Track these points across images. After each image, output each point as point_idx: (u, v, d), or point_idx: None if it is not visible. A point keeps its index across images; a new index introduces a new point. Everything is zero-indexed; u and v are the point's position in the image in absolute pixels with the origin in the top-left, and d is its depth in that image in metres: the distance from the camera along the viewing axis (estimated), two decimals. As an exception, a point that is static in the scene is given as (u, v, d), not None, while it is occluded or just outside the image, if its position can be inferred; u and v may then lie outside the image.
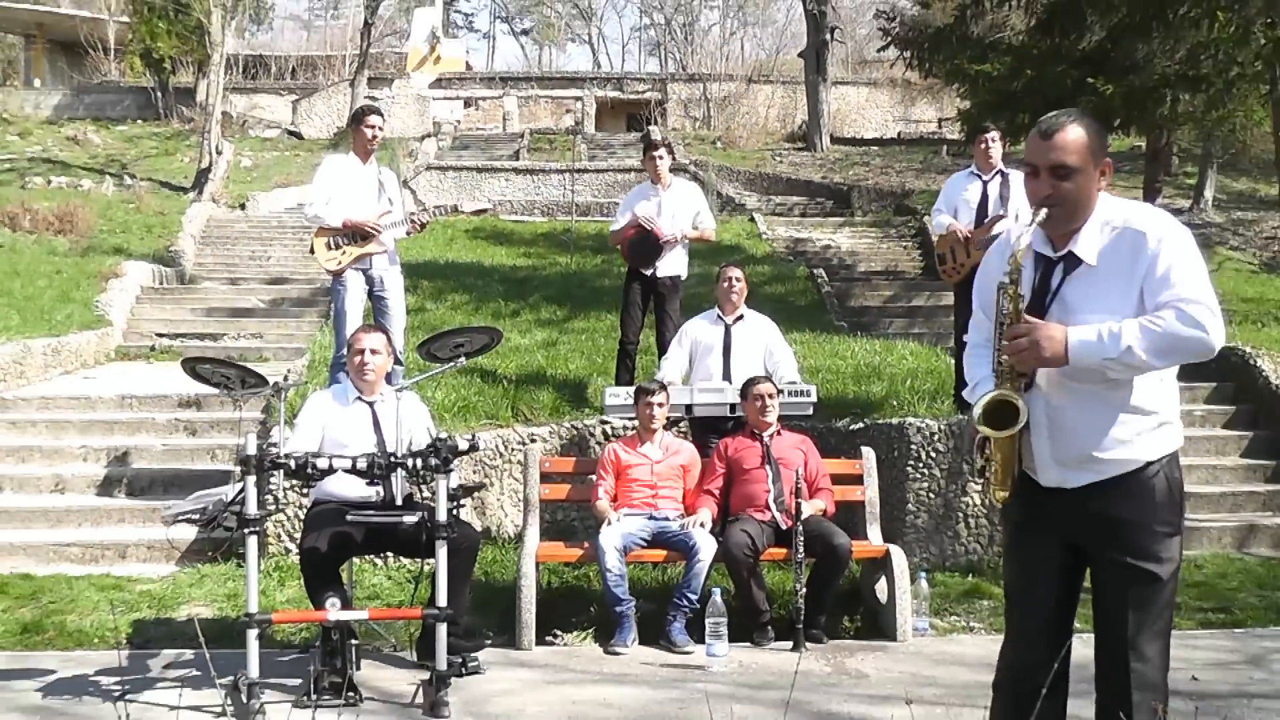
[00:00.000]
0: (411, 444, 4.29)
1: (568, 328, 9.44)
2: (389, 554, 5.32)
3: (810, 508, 4.89)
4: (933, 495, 6.04)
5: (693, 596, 4.76)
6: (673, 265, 6.56)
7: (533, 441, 6.05)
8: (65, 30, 27.91)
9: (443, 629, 3.89)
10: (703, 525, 4.93)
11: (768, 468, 5.04)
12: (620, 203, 6.99)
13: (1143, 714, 2.37)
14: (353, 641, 4.00)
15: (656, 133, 22.08)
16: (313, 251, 6.13)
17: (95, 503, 6.54)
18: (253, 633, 3.79)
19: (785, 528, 4.87)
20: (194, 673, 4.21)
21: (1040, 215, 2.40)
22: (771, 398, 5.17)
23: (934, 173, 18.67)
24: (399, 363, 5.89)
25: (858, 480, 5.38)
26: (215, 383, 4.56)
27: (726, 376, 5.74)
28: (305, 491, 5.10)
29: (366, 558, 5.36)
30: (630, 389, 5.68)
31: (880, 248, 15.13)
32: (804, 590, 4.71)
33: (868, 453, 5.48)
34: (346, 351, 4.76)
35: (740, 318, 5.92)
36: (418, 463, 3.95)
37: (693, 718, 3.85)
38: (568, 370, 7.23)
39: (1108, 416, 2.43)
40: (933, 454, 6.04)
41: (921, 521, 6.03)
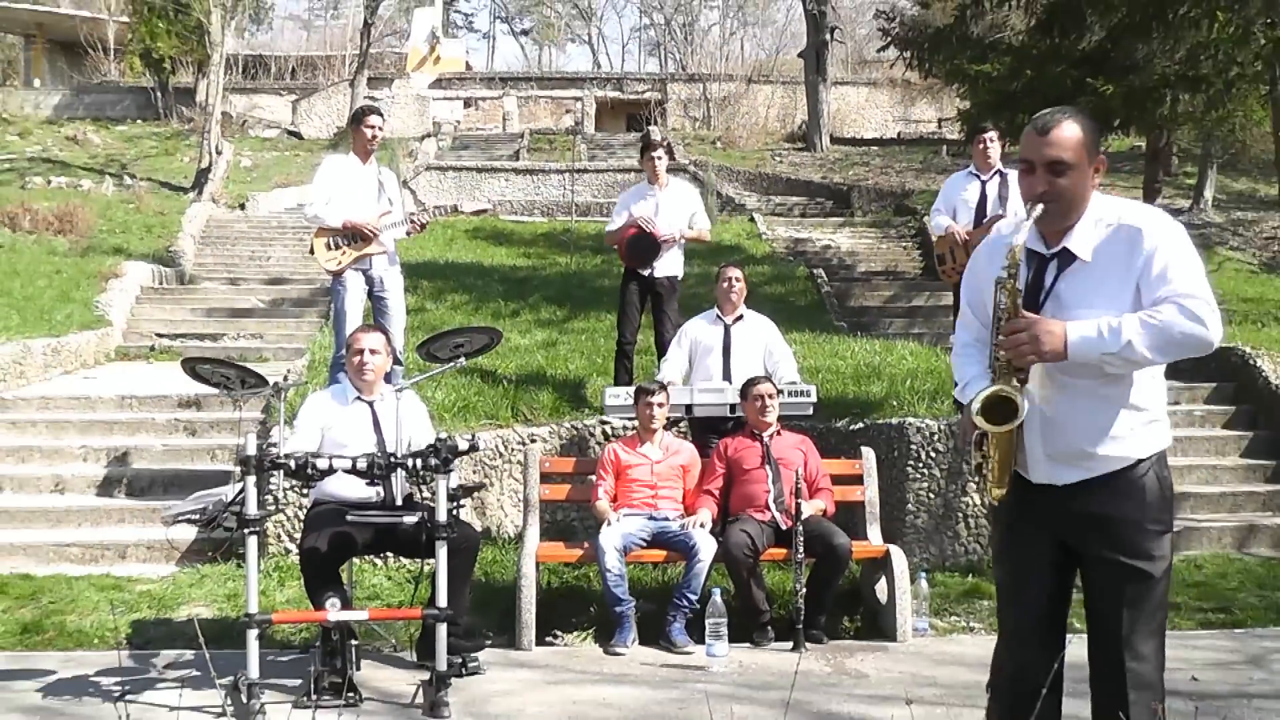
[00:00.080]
0: (411, 444, 4.29)
1: (567, 328, 9.44)
2: (389, 554, 5.32)
3: (810, 508, 4.89)
4: (932, 495, 6.04)
5: (693, 597, 4.76)
6: (670, 265, 6.56)
7: (533, 442, 6.06)
8: (65, 30, 27.91)
9: (443, 629, 3.89)
10: (703, 525, 4.93)
11: (768, 468, 5.04)
12: (616, 203, 7.00)
13: (1140, 713, 2.37)
14: (353, 642, 4.01)
15: (656, 133, 22.06)
16: (312, 252, 6.14)
17: (95, 503, 6.54)
18: (253, 633, 3.79)
19: (785, 528, 4.87)
20: (194, 673, 4.21)
21: (1036, 211, 2.40)
22: (771, 398, 5.17)
23: (934, 173, 18.66)
24: (399, 363, 5.89)
25: (857, 480, 5.38)
26: (215, 383, 4.56)
27: (726, 377, 5.74)
28: (305, 492, 5.11)
29: (366, 558, 5.36)
30: (630, 389, 5.68)
31: (880, 248, 15.13)
32: (804, 590, 4.71)
33: (867, 453, 5.49)
34: (345, 351, 4.76)
35: (740, 318, 5.92)
36: (418, 463, 3.95)
37: (693, 718, 3.85)
38: (567, 370, 7.23)
39: (1101, 412, 2.43)
40: (932, 454, 6.05)
41: (921, 522, 6.03)
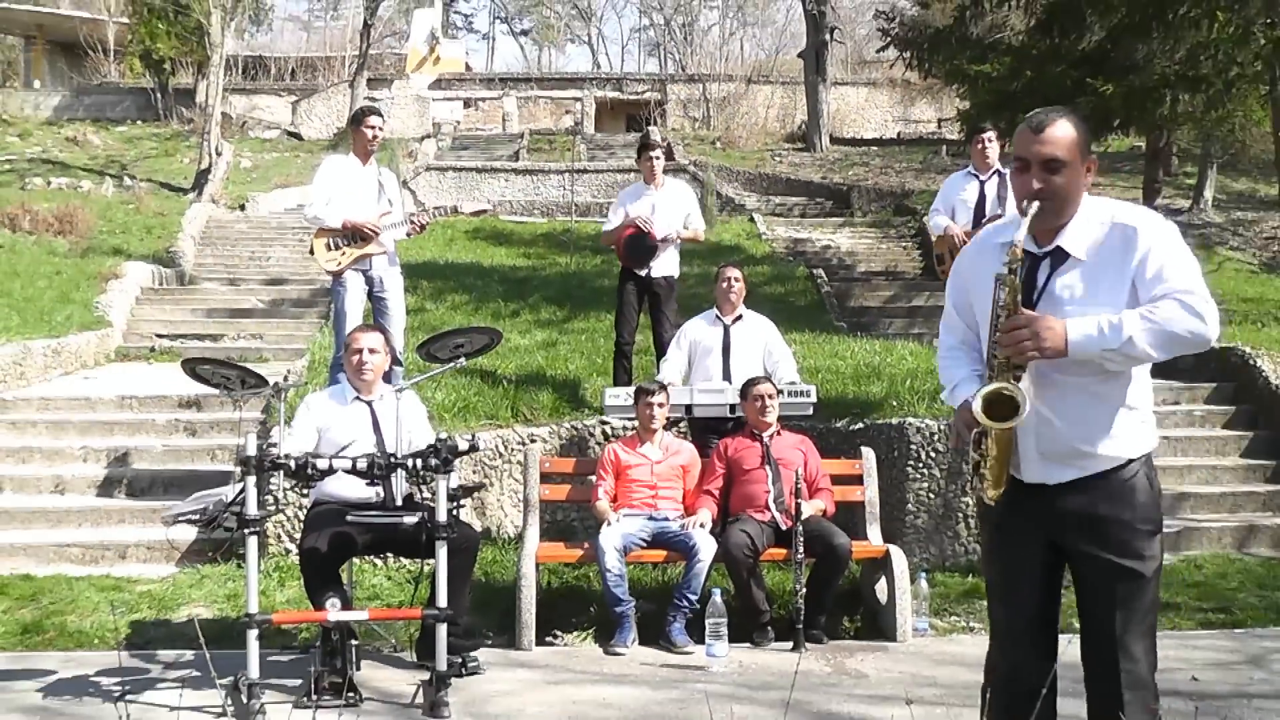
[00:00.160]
0: (411, 444, 4.29)
1: (567, 328, 9.45)
2: (389, 554, 5.32)
3: (810, 508, 4.89)
4: (932, 495, 6.04)
5: (693, 597, 4.76)
6: (667, 265, 6.59)
7: (532, 442, 6.06)
8: (65, 31, 27.91)
9: (443, 629, 3.89)
10: (702, 525, 4.93)
11: (767, 468, 5.04)
12: (612, 202, 7.01)
13: (1136, 713, 2.37)
14: (353, 642, 4.01)
15: (656, 133, 22.07)
16: (312, 252, 6.14)
17: (95, 503, 6.53)
18: (253, 633, 3.79)
19: (785, 528, 4.87)
20: (194, 673, 4.21)
21: (1033, 209, 2.40)
22: (771, 398, 5.17)
23: (933, 173, 18.66)
24: (398, 363, 5.89)
25: (857, 480, 5.38)
26: (215, 383, 4.56)
27: (726, 377, 5.74)
28: (305, 492, 5.11)
29: (366, 558, 5.36)
30: (629, 389, 5.68)
31: (880, 248, 15.14)
32: (804, 590, 4.71)
33: (867, 453, 5.49)
34: (344, 351, 4.76)
35: (739, 318, 5.92)
36: (418, 463, 3.95)
37: (693, 718, 3.85)
38: (567, 370, 7.24)
39: (1095, 411, 2.43)
40: (932, 454, 6.04)
41: (921, 522, 6.03)
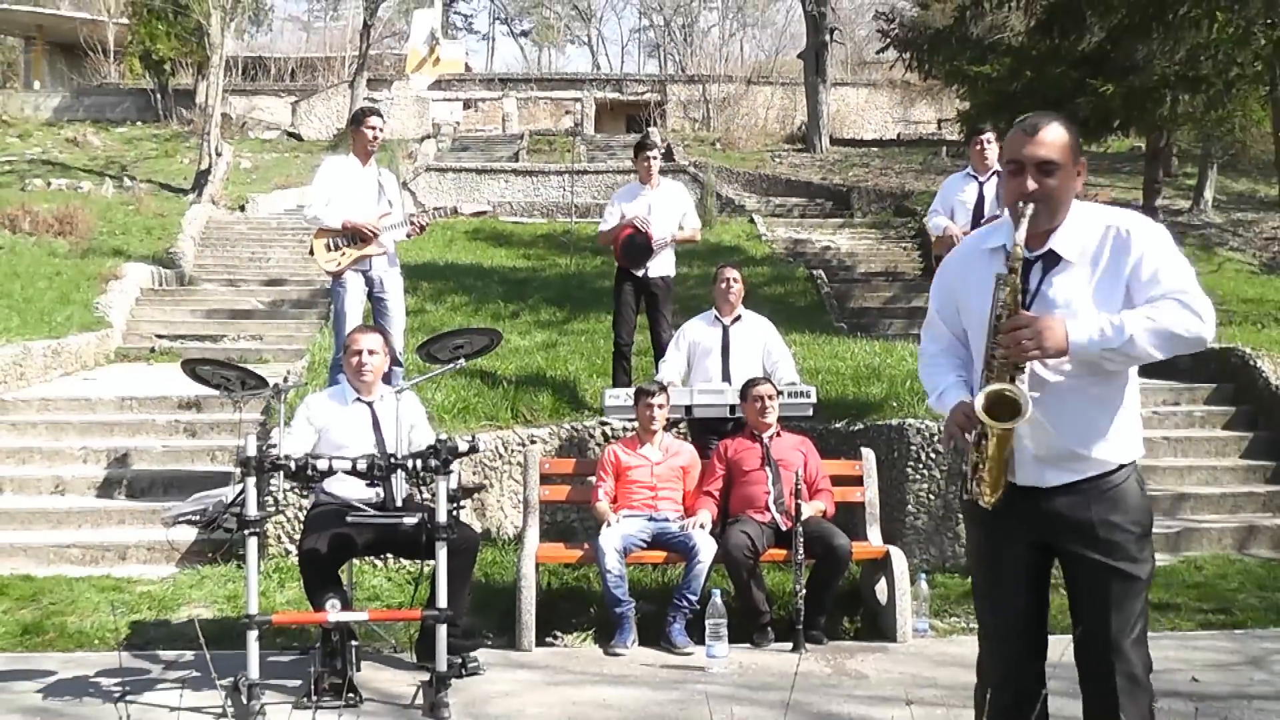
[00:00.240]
0: (411, 445, 4.29)
1: (567, 329, 9.45)
2: (389, 555, 5.32)
3: (810, 509, 4.89)
4: (932, 496, 6.04)
5: (693, 598, 4.76)
6: (663, 266, 6.61)
7: (532, 443, 6.06)
8: (65, 32, 27.92)
9: (442, 630, 3.89)
10: (702, 526, 4.92)
11: (767, 469, 5.04)
12: (608, 202, 7.02)
13: (1133, 714, 2.38)
14: (353, 642, 4.00)
15: (656, 134, 22.08)
16: (312, 253, 6.14)
17: (95, 504, 6.53)
18: (253, 634, 3.79)
19: (785, 529, 4.86)
20: (194, 674, 4.21)
21: (1029, 210, 2.39)
22: (771, 399, 5.17)
23: (933, 174, 18.65)
24: (398, 364, 5.89)
25: (857, 481, 5.38)
26: (215, 384, 4.56)
27: (725, 378, 5.74)
28: (305, 493, 5.11)
29: (366, 559, 5.36)
30: (629, 390, 5.68)
31: (880, 249, 15.14)
32: (804, 591, 4.71)
33: (867, 454, 5.49)
34: (344, 352, 4.76)
35: (738, 319, 5.92)
36: (418, 464, 3.95)
37: (693, 719, 3.85)
38: (567, 371, 7.24)
39: (1091, 414, 2.43)
40: (932, 455, 6.04)
41: (921, 523, 6.03)
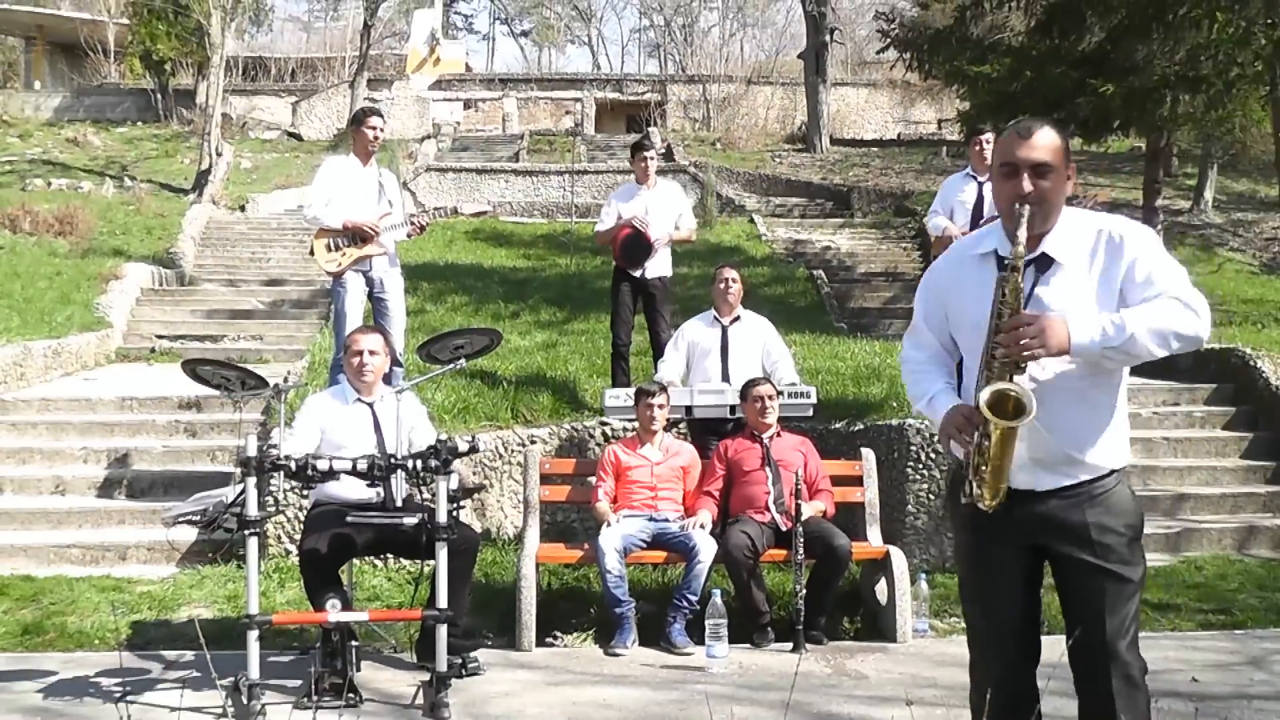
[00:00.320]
0: (411, 445, 4.29)
1: (567, 329, 9.45)
2: (389, 555, 5.32)
3: (810, 509, 4.89)
4: (932, 497, 6.04)
5: (693, 598, 4.76)
6: (660, 266, 6.64)
7: (532, 443, 6.06)
8: (65, 32, 27.92)
9: (443, 630, 3.89)
10: (702, 527, 4.93)
11: (767, 469, 5.04)
12: (604, 203, 7.03)
13: (1131, 716, 2.38)
14: (353, 643, 4.00)
15: (657, 135, 22.09)
16: (313, 253, 6.14)
17: (96, 504, 6.54)
18: (253, 634, 3.79)
19: (785, 529, 4.87)
20: (195, 674, 4.21)
21: (1026, 211, 2.39)
22: (771, 399, 5.17)
23: (934, 174, 18.65)
24: (398, 364, 5.89)
25: (857, 482, 5.38)
26: (215, 384, 4.57)
27: (725, 378, 5.74)
28: (305, 493, 5.11)
29: (367, 559, 5.36)
30: (629, 390, 5.68)
31: (880, 249, 15.15)
32: (804, 591, 4.71)
33: (867, 454, 5.49)
34: (344, 353, 4.77)
35: (737, 319, 5.92)
36: (418, 464, 3.95)
37: (693, 719, 3.85)
38: (567, 372, 7.24)
39: (1087, 418, 2.44)
40: (932, 455, 6.04)
41: (921, 523, 6.03)
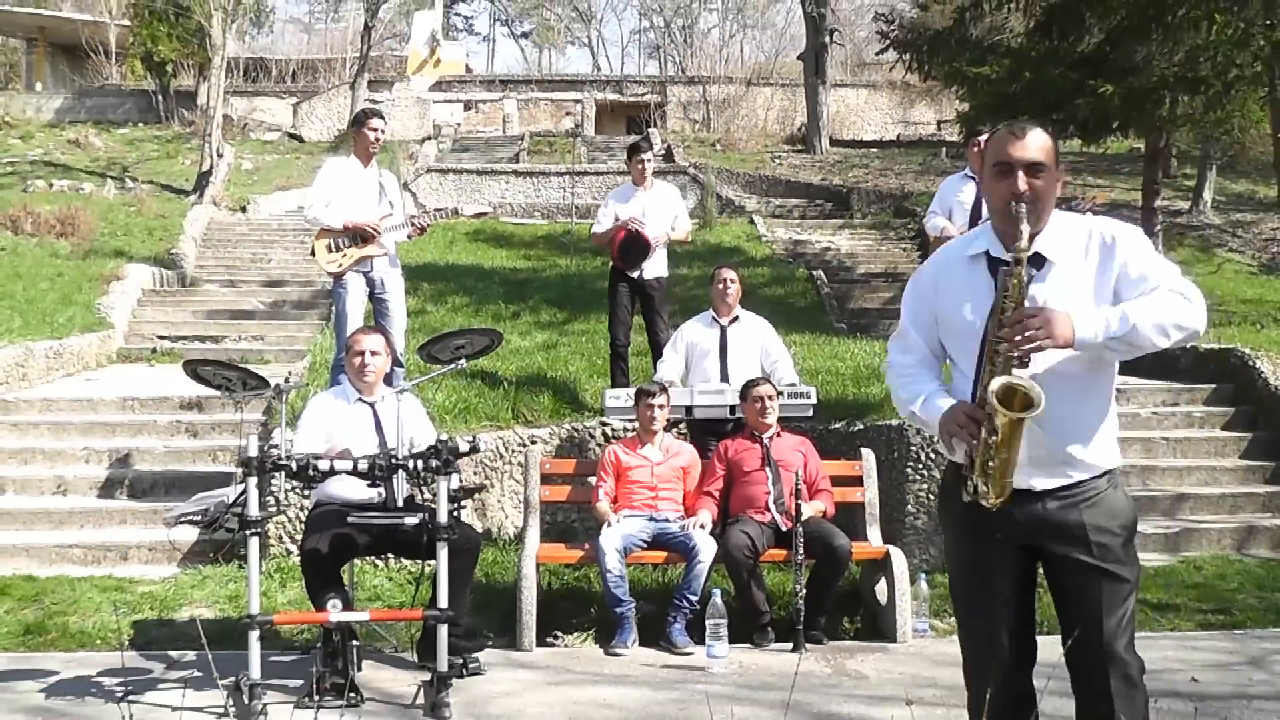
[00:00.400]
0: (413, 445, 4.30)
1: (568, 330, 9.47)
2: (390, 555, 5.33)
3: (810, 509, 4.90)
4: (932, 497, 6.04)
5: (693, 598, 4.77)
6: (657, 266, 6.67)
7: (533, 443, 6.07)
8: (67, 34, 27.94)
9: (444, 630, 3.90)
10: (703, 527, 4.94)
11: (767, 469, 5.05)
12: (601, 204, 7.05)
13: (1130, 716, 2.38)
14: (354, 642, 4.02)
15: (657, 135, 22.10)
16: (314, 254, 6.16)
17: (97, 504, 6.55)
18: (254, 634, 3.81)
19: (785, 529, 4.88)
20: (196, 673, 4.22)
21: (1023, 209, 2.39)
22: (771, 399, 5.18)
23: (933, 175, 18.67)
24: (399, 365, 5.90)
25: (857, 482, 5.39)
26: (216, 385, 4.58)
27: (724, 378, 5.75)
28: (306, 493, 5.12)
29: (368, 559, 5.37)
30: (630, 391, 5.69)
31: (879, 250, 15.17)
32: (804, 591, 4.72)
33: (867, 454, 5.50)
34: (346, 353, 4.78)
35: (736, 319, 5.93)
36: (419, 464, 3.97)
37: (693, 718, 3.86)
38: (568, 372, 7.25)
39: (1083, 417, 2.44)
40: (932, 455, 6.05)
41: (921, 523, 6.04)
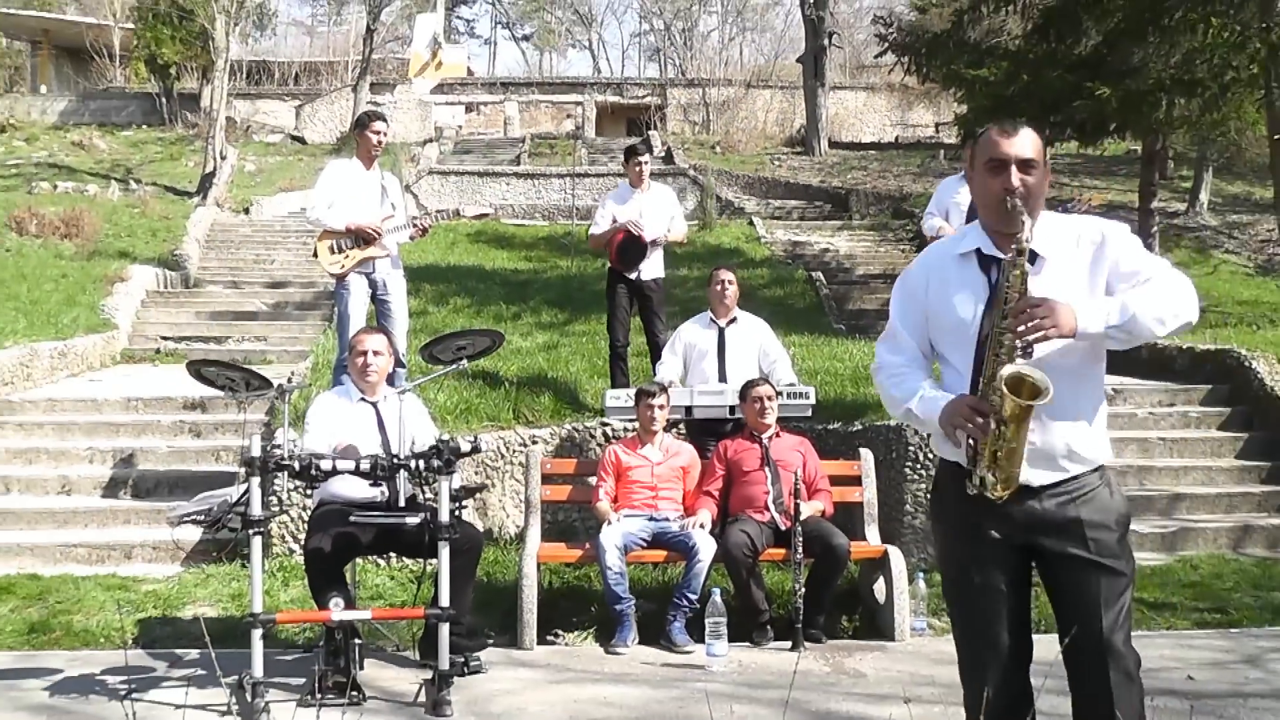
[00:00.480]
0: (414, 445, 4.33)
1: (568, 330, 9.50)
2: (392, 554, 5.36)
3: (809, 509, 4.93)
4: (930, 496, 6.07)
5: (692, 596, 4.79)
6: (655, 268, 6.70)
7: (534, 443, 6.11)
8: (71, 37, 28.01)
9: (445, 629, 3.93)
10: (702, 526, 4.97)
11: (767, 469, 5.08)
12: (598, 206, 7.09)
13: (1129, 711, 2.40)
14: (356, 641, 4.04)
15: (657, 138, 22.14)
16: (316, 255, 6.20)
17: (101, 504, 6.58)
18: (257, 632, 3.83)
19: (784, 528, 4.91)
20: (199, 672, 4.25)
21: (1019, 204, 2.41)
22: (770, 400, 5.21)
23: (931, 176, 18.69)
24: (401, 365, 5.94)
25: (856, 481, 5.42)
26: (220, 385, 4.60)
27: (722, 379, 5.78)
28: (309, 493, 5.15)
29: (370, 558, 5.40)
30: (630, 391, 5.72)
31: (878, 251, 15.19)
32: (803, 590, 4.75)
33: (866, 454, 5.53)
34: (348, 354, 4.81)
35: (733, 320, 5.96)
36: (421, 464, 4.00)
37: (693, 717, 3.88)
38: (568, 372, 7.28)
39: (1076, 409, 2.46)
40: (930, 455, 6.07)
41: (919, 522, 6.06)
